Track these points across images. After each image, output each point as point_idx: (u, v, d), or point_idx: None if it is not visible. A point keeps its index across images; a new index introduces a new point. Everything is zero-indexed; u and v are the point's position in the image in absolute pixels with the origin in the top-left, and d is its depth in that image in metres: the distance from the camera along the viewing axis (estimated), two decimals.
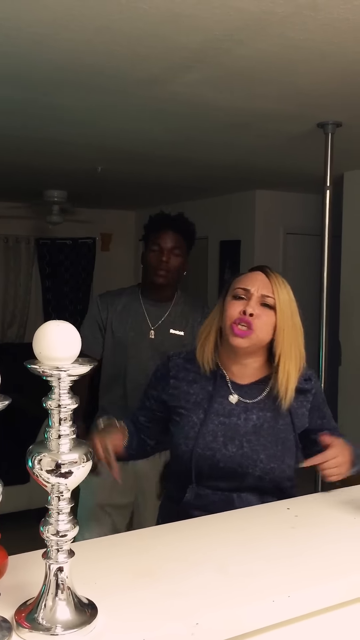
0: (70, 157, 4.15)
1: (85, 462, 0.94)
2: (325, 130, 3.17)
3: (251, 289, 1.54)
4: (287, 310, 1.56)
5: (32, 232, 6.66)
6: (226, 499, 1.53)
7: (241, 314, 1.52)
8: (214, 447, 1.53)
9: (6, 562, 1.04)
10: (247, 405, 1.57)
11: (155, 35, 2.07)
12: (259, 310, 1.53)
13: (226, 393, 1.58)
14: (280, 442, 1.55)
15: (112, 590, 1.04)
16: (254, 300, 1.53)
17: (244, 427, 1.55)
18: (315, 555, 1.19)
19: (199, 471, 1.54)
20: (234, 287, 1.58)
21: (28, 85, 2.62)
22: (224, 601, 1.01)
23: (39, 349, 0.92)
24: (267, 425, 1.56)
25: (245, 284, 1.56)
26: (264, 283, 1.55)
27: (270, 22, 1.96)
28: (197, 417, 1.56)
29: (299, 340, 1.59)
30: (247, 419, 1.56)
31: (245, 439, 1.53)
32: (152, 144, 3.71)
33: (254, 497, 1.54)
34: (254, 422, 1.55)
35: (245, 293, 1.55)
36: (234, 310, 1.54)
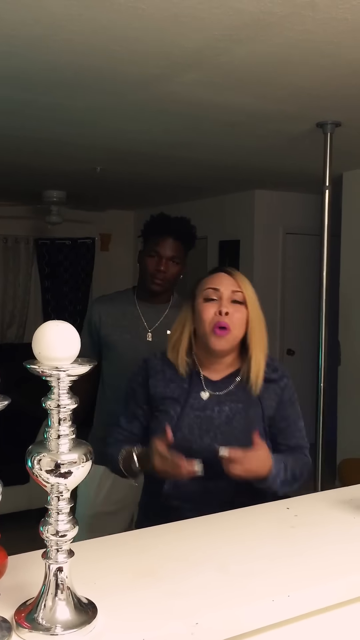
0: (70, 157, 4.15)
1: (84, 462, 0.94)
2: (324, 130, 3.17)
3: (220, 288, 1.62)
4: (255, 303, 1.65)
5: (31, 233, 6.66)
6: (203, 487, 1.59)
7: (217, 315, 1.60)
8: (190, 439, 1.60)
9: (6, 562, 1.03)
10: (219, 398, 1.65)
11: (154, 35, 2.07)
12: (232, 308, 1.61)
13: (199, 389, 1.66)
14: (252, 431, 1.60)
15: (111, 590, 1.04)
16: (225, 299, 1.61)
17: (218, 418, 1.63)
18: (315, 555, 1.19)
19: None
20: (202, 289, 1.64)
21: (27, 86, 2.62)
22: (224, 601, 1.01)
23: (38, 349, 0.92)
24: (239, 415, 1.64)
25: (214, 284, 1.63)
26: (230, 281, 1.64)
27: (269, 22, 1.96)
28: (174, 411, 1.64)
29: (264, 330, 1.67)
30: (221, 411, 1.64)
31: (219, 430, 1.61)
32: (151, 144, 3.71)
33: (229, 485, 1.58)
34: (227, 413, 1.63)
35: (215, 293, 1.62)
36: (208, 312, 1.61)
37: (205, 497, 1.58)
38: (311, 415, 3.74)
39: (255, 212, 5.58)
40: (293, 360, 5.85)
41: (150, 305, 2.39)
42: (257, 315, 1.64)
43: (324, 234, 3.23)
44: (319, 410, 3.28)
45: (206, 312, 1.61)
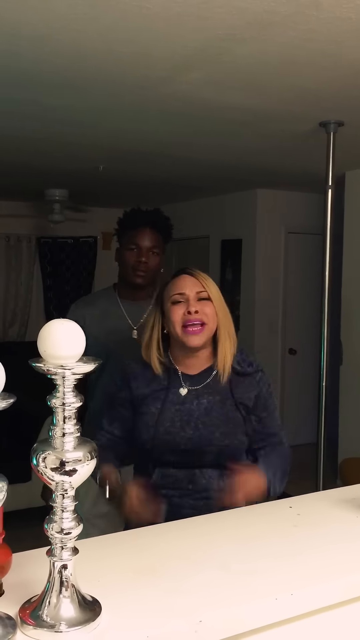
0: (72, 156, 4.16)
1: (89, 460, 0.94)
2: (327, 130, 3.17)
3: (186, 291, 1.70)
4: (219, 299, 1.73)
5: (34, 231, 6.67)
6: (189, 474, 1.68)
7: (186, 315, 1.68)
8: (172, 432, 1.69)
9: (10, 560, 1.04)
10: (197, 392, 1.73)
11: (158, 34, 2.08)
12: (199, 306, 1.69)
13: (178, 385, 1.74)
14: (231, 420, 1.71)
15: (115, 588, 1.04)
16: (192, 299, 1.69)
17: (197, 410, 1.71)
18: (318, 554, 1.19)
19: (161, 455, 1.70)
20: (169, 295, 1.72)
21: (30, 86, 2.63)
22: (227, 599, 1.02)
23: (43, 347, 0.92)
24: (217, 406, 1.71)
25: (179, 289, 1.71)
26: (193, 282, 1.72)
27: (273, 21, 1.97)
28: (155, 408, 1.72)
29: (230, 324, 1.76)
30: (199, 404, 1.72)
31: (200, 421, 1.69)
32: (154, 143, 3.71)
33: (215, 472, 1.68)
34: (205, 405, 1.71)
35: (182, 296, 1.70)
36: (177, 314, 1.69)
37: (192, 483, 1.68)
38: (313, 414, 3.74)
39: (258, 211, 5.58)
40: (295, 360, 5.85)
41: (133, 303, 2.37)
42: (222, 310, 1.73)
43: (326, 233, 3.23)
44: (320, 409, 3.28)
45: (175, 314, 1.69)
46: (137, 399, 1.77)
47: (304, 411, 5.50)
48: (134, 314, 2.36)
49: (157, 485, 1.69)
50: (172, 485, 1.69)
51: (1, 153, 4.06)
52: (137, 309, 2.36)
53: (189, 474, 1.69)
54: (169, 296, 1.72)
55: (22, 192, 5.81)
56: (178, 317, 1.69)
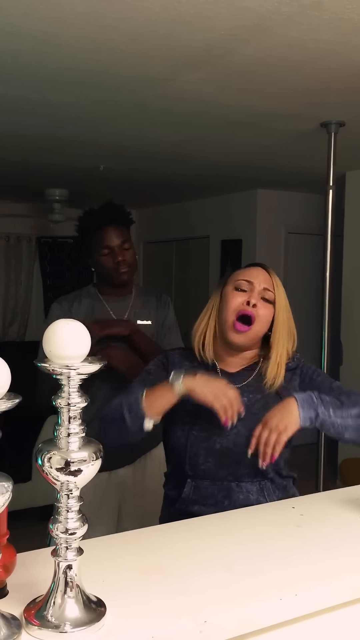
0: (73, 155, 4.15)
1: (94, 461, 0.94)
2: (328, 130, 3.17)
3: (254, 282, 1.59)
4: (284, 306, 1.63)
5: (33, 231, 6.66)
6: (225, 488, 1.56)
7: (244, 304, 1.57)
8: (208, 429, 1.56)
9: (14, 560, 1.04)
10: (236, 390, 1.59)
11: (160, 34, 2.07)
12: (260, 304, 1.58)
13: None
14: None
15: (120, 588, 1.04)
16: (256, 293, 1.58)
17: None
18: (322, 554, 1.19)
19: (195, 458, 1.57)
20: (235, 279, 1.61)
21: (32, 84, 2.62)
22: (232, 599, 1.02)
23: (49, 347, 0.92)
24: (258, 405, 1.60)
25: (249, 277, 1.60)
26: (265, 277, 1.62)
27: (276, 21, 1.97)
28: (189, 404, 1.56)
29: (291, 332, 1.65)
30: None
31: (239, 419, 1.54)
32: (155, 142, 3.71)
33: (254, 487, 1.56)
34: (245, 404, 1.56)
35: (248, 285, 1.59)
36: (236, 300, 1.58)
37: (227, 500, 1.54)
38: None
39: (258, 211, 5.58)
40: None
41: (116, 298, 2.34)
42: (283, 317, 1.61)
43: (327, 233, 3.23)
44: None
45: (233, 300, 1.58)
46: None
47: None
48: (117, 310, 2.33)
49: (189, 500, 1.57)
50: (205, 500, 1.55)
51: (1, 151, 4.05)
52: (121, 304, 2.33)
53: (224, 488, 1.55)
54: (234, 280, 1.61)
55: (22, 192, 5.80)
56: (235, 304, 1.57)
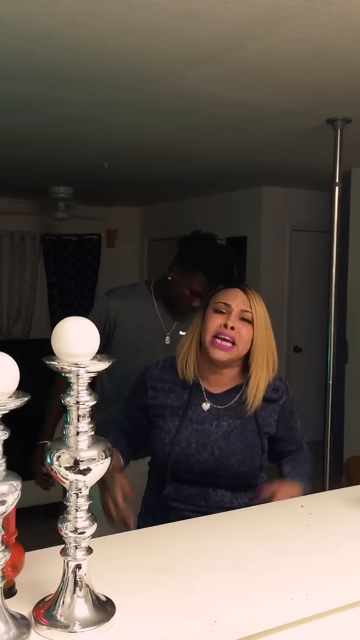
0: (77, 153, 4.14)
1: (103, 459, 0.93)
2: (334, 126, 3.16)
3: (232, 304, 1.64)
4: (263, 324, 1.65)
5: (38, 228, 6.66)
6: (202, 492, 1.65)
7: (222, 327, 1.62)
8: (188, 453, 1.64)
9: (23, 559, 1.03)
10: (218, 412, 1.67)
11: (166, 30, 2.06)
12: (238, 324, 1.62)
13: (200, 401, 1.68)
14: (249, 447, 1.65)
15: (128, 587, 1.03)
16: (234, 315, 1.63)
17: (215, 433, 1.65)
18: (332, 553, 1.18)
19: (176, 472, 1.66)
20: (214, 302, 1.67)
21: (37, 81, 2.61)
22: (242, 599, 1.01)
23: (58, 345, 0.91)
24: (236, 431, 1.65)
25: (226, 299, 1.65)
26: (243, 299, 1.65)
27: (283, 16, 1.95)
28: (172, 424, 1.66)
29: (271, 352, 1.68)
30: (219, 425, 1.65)
31: (216, 445, 1.63)
32: (160, 140, 3.70)
33: (228, 492, 1.65)
34: (224, 429, 1.65)
35: (225, 307, 1.64)
36: (214, 323, 1.63)
37: (204, 500, 1.65)
38: (318, 412, 3.73)
39: (263, 208, 5.57)
40: (300, 358, 5.84)
41: (178, 309, 2.27)
42: (263, 336, 1.65)
43: (333, 230, 3.21)
44: (326, 408, 3.27)
45: (212, 322, 1.64)
46: (152, 409, 1.72)
47: (309, 409, 5.49)
48: (167, 320, 2.29)
49: (170, 497, 1.67)
50: (184, 500, 1.66)
51: (6, 149, 4.05)
52: (177, 319, 2.29)
53: (202, 491, 1.65)
54: (213, 303, 1.67)
55: (27, 189, 5.80)
56: (214, 326, 1.63)
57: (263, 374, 1.65)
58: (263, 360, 1.65)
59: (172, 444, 1.64)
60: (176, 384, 1.70)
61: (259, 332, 1.64)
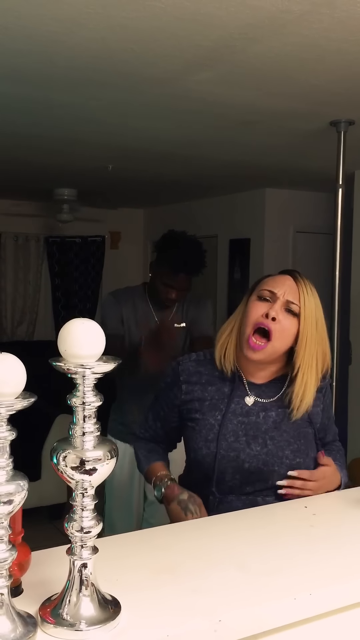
0: (81, 155, 4.16)
1: (109, 460, 0.94)
2: (337, 129, 3.16)
3: (277, 292, 1.48)
4: (312, 319, 1.49)
5: (42, 230, 6.68)
6: (250, 503, 1.49)
7: (263, 317, 1.47)
8: (237, 447, 1.49)
9: (29, 558, 1.04)
10: (264, 404, 1.54)
11: (170, 33, 2.07)
12: (282, 316, 1.47)
13: (243, 393, 1.54)
14: (302, 436, 1.53)
15: (133, 586, 1.04)
16: (279, 304, 1.48)
17: (265, 424, 1.52)
18: (336, 553, 1.19)
19: (222, 475, 1.50)
20: (260, 288, 1.52)
21: (41, 84, 2.63)
22: (246, 599, 1.02)
23: (64, 346, 0.92)
24: (287, 420, 1.52)
25: (273, 286, 1.50)
26: (291, 288, 1.50)
27: (286, 20, 1.96)
28: (214, 419, 1.51)
29: (322, 350, 1.52)
30: (267, 417, 1.53)
31: (268, 436, 1.50)
32: (163, 142, 3.71)
33: (277, 500, 1.51)
34: (274, 419, 1.51)
35: (270, 295, 1.49)
36: (256, 311, 1.48)
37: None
38: None
39: (266, 210, 5.57)
40: None
41: (162, 306, 2.57)
42: (311, 333, 1.48)
43: (336, 232, 3.22)
44: None
45: (254, 310, 1.48)
46: (187, 404, 1.57)
47: None
48: (161, 316, 2.55)
49: (213, 510, 1.50)
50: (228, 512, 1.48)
51: (10, 151, 4.07)
52: (166, 311, 2.57)
53: (251, 503, 1.48)
54: (258, 289, 1.51)
55: (31, 192, 5.82)
56: (255, 315, 1.47)
57: (312, 377, 1.49)
58: (312, 360, 1.49)
59: (217, 440, 1.47)
60: (214, 376, 1.55)
61: (307, 328, 1.47)
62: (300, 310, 1.48)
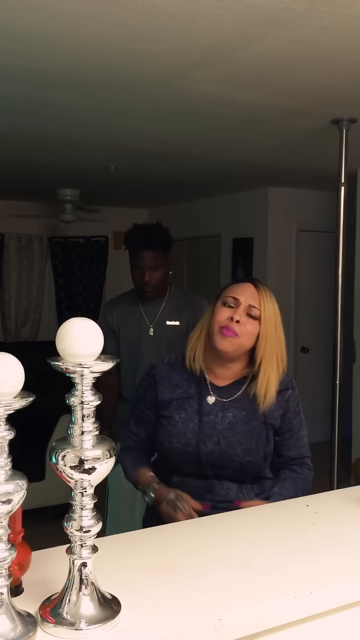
0: (84, 156, 4.16)
1: (108, 459, 0.94)
2: (339, 127, 3.16)
3: (240, 299, 1.66)
4: (271, 321, 1.67)
5: (45, 231, 6.69)
6: (208, 485, 1.66)
7: (228, 320, 1.64)
8: (193, 444, 1.65)
9: (29, 558, 1.04)
10: (224, 404, 1.69)
11: (170, 33, 2.07)
12: (245, 319, 1.64)
13: (205, 394, 1.71)
14: (255, 437, 1.67)
15: (134, 585, 1.04)
16: (241, 309, 1.65)
17: (221, 424, 1.67)
18: (337, 552, 1.18)
19: (181, 465, 1.68)
20: (224, 295, 1.69)
21: (42, 85, 2.63)
22: (247, 597, 1.01)
23: (62, 345, 0.92)
24: (242, 422, 1.68)
25: (236, 293, 1.67)
26: (253, 294, 1.67)
27: (286, 18, 1.96)
28: (178, 416, 1.69)
29: (281, 350, 1.69)
30: (224, 417, 1.68)
31: (222, 436, 1.65)
32: (166, 141, 3.71)
33: (234, 485, 1.67)
34: (230, 420, 1.67)
35: (234, 302, 1.66)
36: (222, 315, 1.66)
37: (210, 493, 1.66)
38: (326, 413, 3.73)
39: (269, 209, 5.57)
40: (307, 358, 5.83)
41: (150, 301, 2.64)
42: (271, 334, 1.66)
43: (339, 231, 3.21)
44: (334, 409, 3.27)
45: (220, 315, 1.66)
46: (160, 403, 1.74)
47: (316, 410, 5.48)
48: (150, 312, 2.63)
49: (176, 488, 1.68)
50: (189, 493, 1.66)
51: (13, 152, 4.08)
52: (153, 307, 2.64)
53: (207, 484, 1.66)
54: (223, 296, 1.69)
55: (34, 192, 5.83)
56: (221, 318, 1.65)
57: (273, 372, 1.67)
58: (272, 358, 1.66)
59: (177, 435, 1.66)
60: (182, 379, 1.73)
61: (267, 329, 1.65)
62: (260, 314, 1.65)
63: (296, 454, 1.75)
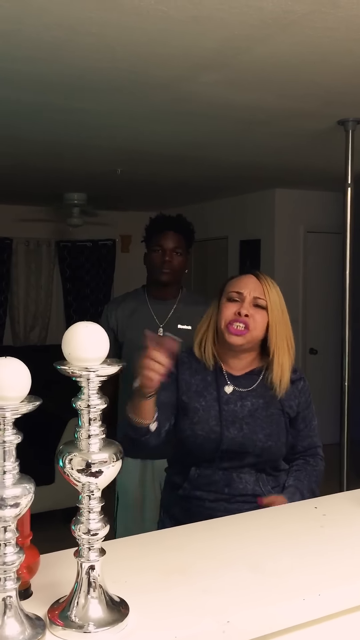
0: (90, 159, 4.18)
1: (115, 462, 0.95)
2: (345, 128, 3.15)
3: (244, 292, 1.67)
4: (278, 309, 1.69)
5: (53, 235, 6.71)
6: (226, 477, 1.67)
7: (236, 315, 1.65)
8: (217, 431, 1.65)
9: (38, 561, 1.05)
10: (241, 394, 1.71)
11: (174, 36, 2.08)
12: (252, 311, 1.66)
13: (223, 383, 1.72)
14: (275, 422, 1.69)
15: (142, 588, 1.05)
16: (247, 302, 1.66)
17: (241, 412, 1.68)
18: (346, 554, 1.18)
19: (201, 454, 1.67)
20: (227, 291, 1.70)
21: (49, 90, 2.65)
22: (255, 599, 1.01)
23: (68, 349, 0.93)
24: (261, 409, 1.70)
25: (239, 288, 1.68)
26: (255, 285, 1.68)
27: (290, 20, 1.96)
28: (199, 404, 1.69)
29: (289, 334, 1.72)
30: (243, 405, 1.69)
31: (244, 422, 1.67)
32: (172, 144, 3.72)
33: (252, 477, 1.67)
34: (249, 408, 1.69)
35: (238, 296, 1.67)
36: (228, 311, 1.67)
37: (228, 488, 1.66)
38: (335, 415, 3.71)
39: (276, 211, 5.56)
40: (316, 360, 5.82)
41: (160, 302, 2.54)
42: (279, 320, 1.68)
43: (346, 232, 3.21)
44: (343, 409, 3.26)
45: (226, 310, 1.67)
46: (180, 386, 1.72)
47: (325, 411, 5.46)
48: (160, 313, 2.53)
49: (193, 485, 1.68)
50: (207, 487, 1.67)
51: (19, 157, 4.09)
52: (163, 307, 2.54)
53: (226, 477, 1.67)
54: (226, 292, 1.71)
55: (41, 196, 5.85)
56: (228, 314, 1.66)
57: (285, 357, 1.69)
58: (283, 343, 1.69)
59: (200, 422, 1.66)
60: (200, 367, 1.74)
61: (275, 316, 1.67)
62: (267, 303, 1.67)
63: (309, 444, 1.77)
